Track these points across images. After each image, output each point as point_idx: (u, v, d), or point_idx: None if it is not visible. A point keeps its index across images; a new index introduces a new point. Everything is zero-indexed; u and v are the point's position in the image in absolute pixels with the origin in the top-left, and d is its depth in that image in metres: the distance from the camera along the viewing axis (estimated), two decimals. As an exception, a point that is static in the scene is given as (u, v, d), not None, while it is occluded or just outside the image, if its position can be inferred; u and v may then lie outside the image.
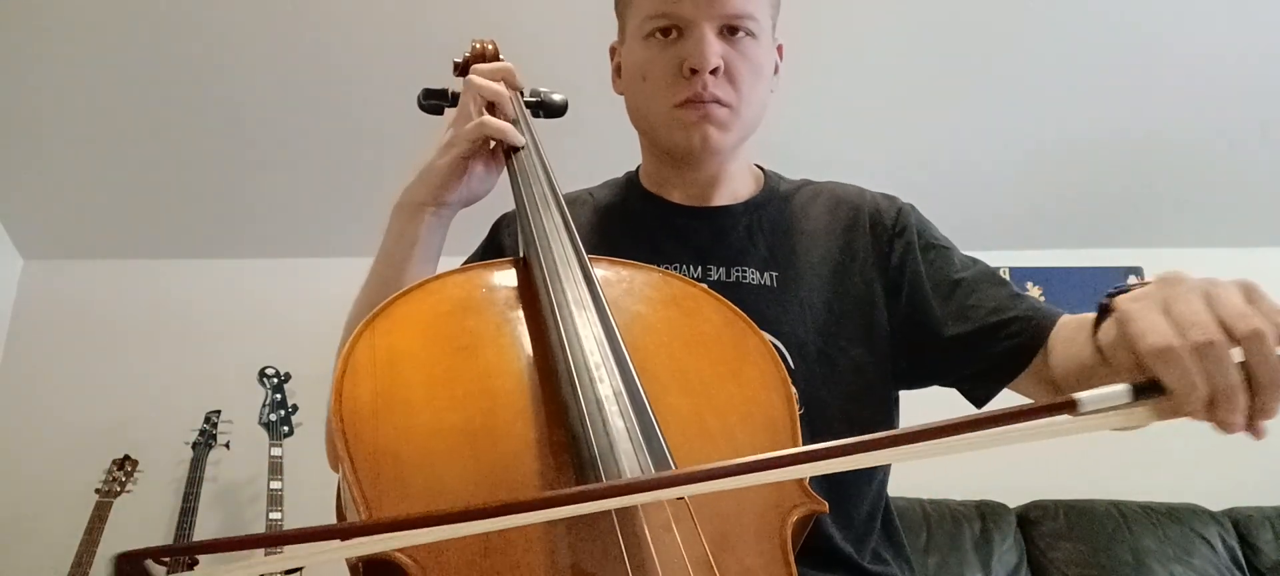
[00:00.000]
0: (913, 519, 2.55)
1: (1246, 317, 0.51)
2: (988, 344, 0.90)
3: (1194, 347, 0.50)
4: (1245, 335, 0.50)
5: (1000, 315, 0.90)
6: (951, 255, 0.98)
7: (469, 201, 0.97)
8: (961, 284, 0.94)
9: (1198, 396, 0.50)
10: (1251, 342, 0.50)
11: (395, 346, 0.69)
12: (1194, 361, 0.50)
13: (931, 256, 0.98)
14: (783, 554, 0.62)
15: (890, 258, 0.98)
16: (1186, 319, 0.52)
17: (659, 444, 0.61)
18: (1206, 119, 2.70)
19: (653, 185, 1.07)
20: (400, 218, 0.93)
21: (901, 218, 1.01)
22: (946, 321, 0.93)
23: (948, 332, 0.92)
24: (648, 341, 0.74)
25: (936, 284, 0.95)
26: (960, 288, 0.94)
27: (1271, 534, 2.56)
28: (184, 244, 3.06)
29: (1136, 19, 2.45)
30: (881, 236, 0.99)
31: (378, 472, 0.60)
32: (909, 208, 1.03)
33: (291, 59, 2.55)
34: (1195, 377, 0.50)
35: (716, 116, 0.94)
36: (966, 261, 0.98)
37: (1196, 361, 0.50)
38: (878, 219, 1.01)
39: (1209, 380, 0.50)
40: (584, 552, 0.57)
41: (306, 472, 2.36)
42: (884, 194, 1.05)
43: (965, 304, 0.93)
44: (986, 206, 2.92)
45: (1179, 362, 0.51)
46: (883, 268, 0.98)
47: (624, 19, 1.03)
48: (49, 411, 2.91)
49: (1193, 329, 0.51)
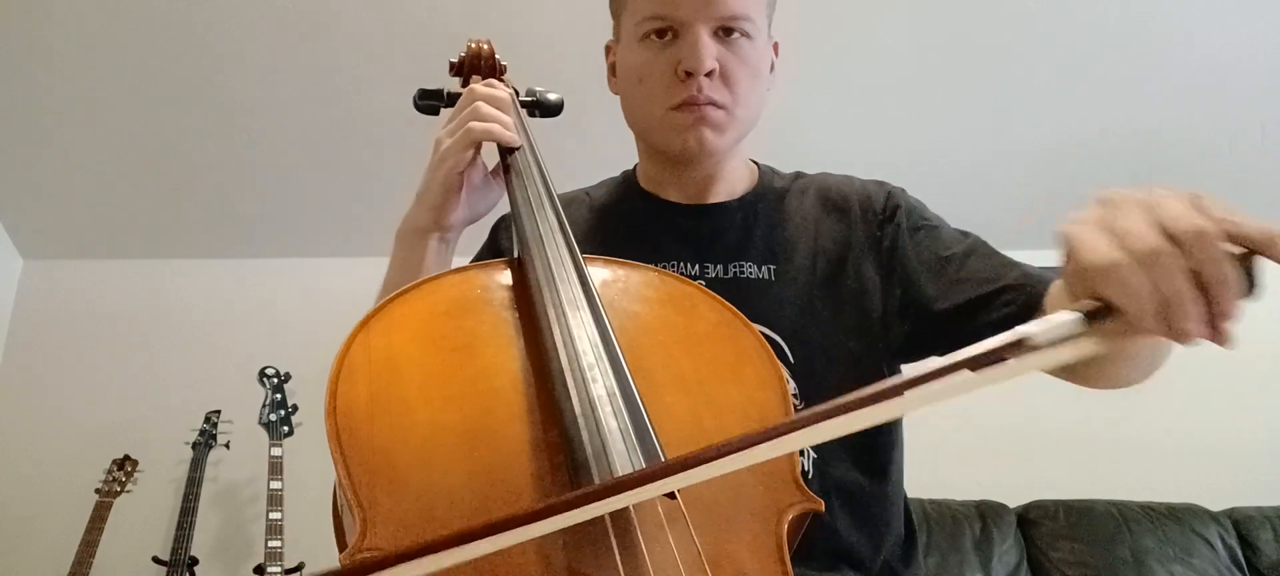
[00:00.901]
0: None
1: (1188, 218, 0.49)
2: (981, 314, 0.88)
3: (1137, 258, 0.49)
4: (1187, 236, 0.48)
5: (992, 285, 0.89)
6: (940, 232, 0.97)
7: (472, 220, 0.96)
8: (951, 259, 0.93)
9: (1147, 307, 0.49)
10: (1195, 243, 0.48)
11: (391, 347, 0.69)
12: (1138, 272, 0.49)
13: (920, 236, 0.97)
14: (778, 553, 0.62)
15: (882, 242, 0.98)
16: (1130, 232, 0.50)
17: (653, 444, 0.61)
18: (1207, 119, 2.69)
19: (649, 184, 1.07)
20: (404, 245, 0.92)
21: (891, 201, 1.01)
22: (937, 298, 0.92)
23: (937, 308, 0.91)
24: (643, 341, 0.73)
25: (926, 262, 0.95)
26: (950, 263, 0.93)
27: (1271, 534, 2.56)
28: (184, 244, 3.06)
29: (1138, 19, 2.45)
30: (872, 222, 0.99)
31: (373, 473, 0.60)
32: (899, 191, 1.03)
33: (292, 59, 2.55)
34: (1142, 289, 0.48)
35: (712, 119, 0.94)
36: (956, 236, 0.97)
37: (1141, 272, 0.49)
38: (868, 205, 1.01)
39: (1156, 289, 0.48)
40: (577, 554, 0.57)
41: (306, 472, 2.36)
42: (874, 181, 1.05)
43: (956, 277, 0.92)
44: (986, 206, 2.90)
45: (1124, 275, 0.49)
46: (876, 254, 0.98)
47: (619, 19, 1.03)
48: (49, 411, 2.91)
49: (1135, 239, 0.49)
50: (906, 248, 0.96)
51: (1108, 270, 0.49)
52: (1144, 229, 0.50)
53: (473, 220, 0.96)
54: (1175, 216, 0.49)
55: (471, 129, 0.90)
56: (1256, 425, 2.85)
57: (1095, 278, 0.50)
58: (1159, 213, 0.50)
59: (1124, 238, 0.50)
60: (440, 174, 0.90)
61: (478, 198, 0.95)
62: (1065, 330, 0.48)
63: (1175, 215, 0.49)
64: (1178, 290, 0.48)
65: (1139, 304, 0.49)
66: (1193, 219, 0.49)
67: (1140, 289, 0.48)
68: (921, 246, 0.96)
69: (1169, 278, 0.48)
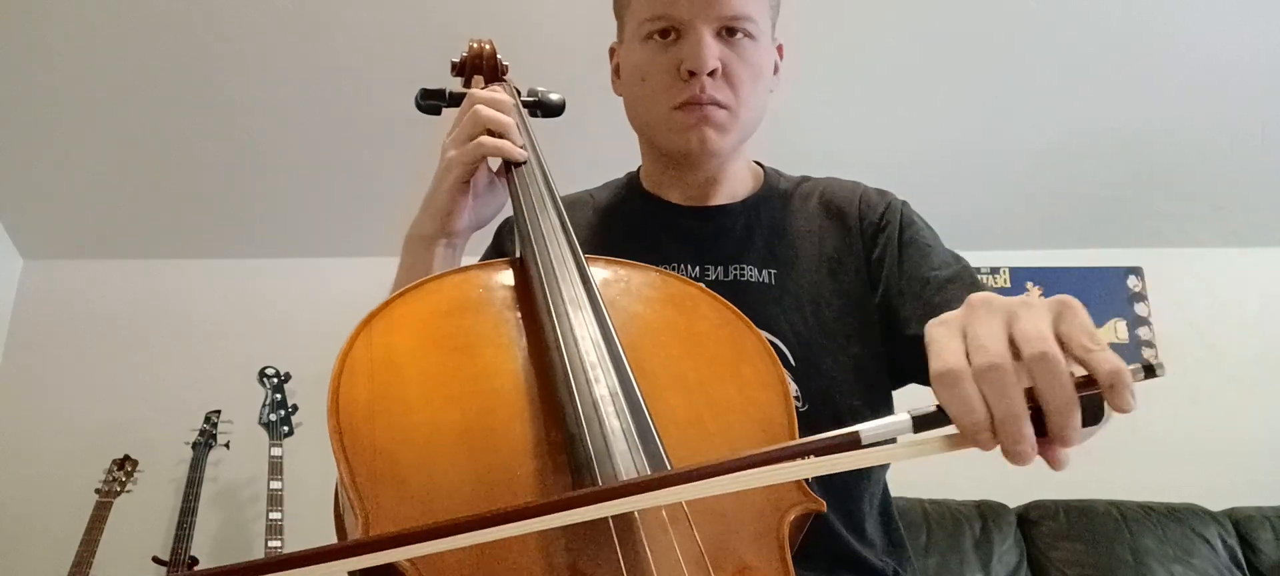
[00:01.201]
0: (913, 519, 2.55)
1: (1039, 340, 0.47)
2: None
3: (977, 370, 0.48)
4: (1032, 357, 0.47)
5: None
6: (930, 253, 0.96)
7: (478, 226, 0.95)
8: (930, 282, 0.92)
9: (976, 421, 0.47)
10: (1038, 365, 0.47)
11: (392, 346, 0.69)
12: (973, 386, 0.48)
13: (909, 252, 0.96)
14: (780, 553, 0.62)
15: (872, 251, 0.98)
16: (977, 341, 0.49)
17: (655, 444, 0.61)
18: (1207, 119, 2.69)
19: (652, 186, 1.07)
20: (411, 252, 0.92)
21: (888, 213, 1.00)
22: (910, 320, 0.91)
23: (909, 332, 0.91)
24: (645, 341, 0.73)
25: (909, 280, 0.94)
26: (928, 286, 0.92)
27: (1271, 534, 2.56)
28: (184, 244, 3.06)
29: (1138, 19, 2.45)
30: (868, 231, 0.99)
31: (374, 473, 0.60)
32: (900, 203, 1.02)
33: (292, 59, 2.55)
34: (973, 402, 0.47)
35: (715, 119, 0.93)
36: (946, 260, 0.96)
37: (976, 386, 0.48)
38: (866, 213, 1.00)
39: (986, 405, 0.47)
40: (580, 553, 0.57)
41: (306, 472, 2.36)
42: (877, 189, 1.04)
43: (931, 303, 0.91)
44: (986, 206, 2.92)
45: (958, 386, 0.48)
46: (868, 262, 0.98)
47: (623, 20, 1.03)
48: (49, 411, 2.91)
49: (978, 352, 0.48)
50: (894, 262, 0.96)
51: (945, 376, 0.49)
52: (992, 341, 0.49)
53: (479, 226, 0.95)
54: (1026, 333, 0.48)
55: (482, 143, 0.89)
56: (1256, 425, 2.86)
57: (936, 382, 0.49)
58: (1015, 326, 0.49)
59: (972, 346, 0.49)
60: (447, 183, 0.90)
61: (484, 203, 0.95)
62: (893, 432, 0.48)
63: (1027, 331, 0.48)
64: (1010, 410, 0.47)
65: (970, 417, 0.48)
66: (1043, 339, 0.48)
67: (973, 402, 0.47)
68: (908, 263, 0.95)
69: (1002, 395, 0.47)
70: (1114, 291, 3.07)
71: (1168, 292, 3.04)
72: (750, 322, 0.78)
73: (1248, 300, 3.03)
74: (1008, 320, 0.50)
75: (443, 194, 0.90)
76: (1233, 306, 3.01)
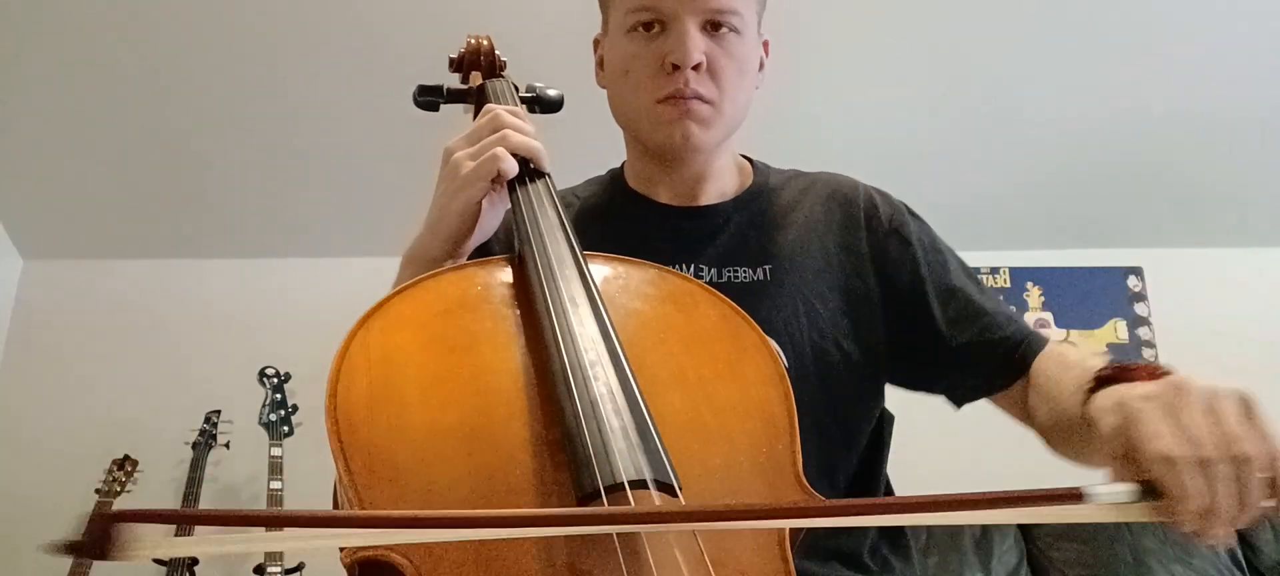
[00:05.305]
0: (913, 518, 2.54)
1: (1240, 441, 0.54)
2: (980, 358, 0.92)
3: (1199, 461, 0.54)
4: (1238, 457, 0.54)
5: (996, 332, 0.92)
6: (949, 261, 0.98)
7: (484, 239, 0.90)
8: (957, 293, 0.95)
9: (1196, 506, 0.53)
10: (1241, 466, 0.54)
11: (390, 344, 0.69)
12: (1196, 474, 0.53)
13: (933, 259, 0.97)
14: (780, 553, 0.62)
15: (887, 253, 0.97)
16: (1191, 430, 0.55)
17: (654, 442, 0.61)
18: (1207, 119, 2.69)
19: (638, 183, 1.05)
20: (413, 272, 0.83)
21: (898, 216, 1.00)
22: (945, 328, 0.93)
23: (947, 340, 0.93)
24: (644, 339, 0.73)
25: (938, 288, 0.95)
26: (956, 296, 0.95)
27: (1271, 534, 2.56)
28: (184, 244, 3.06)
29: (1139, 18, 2.45)
30: (878, 231, 0.98)
31: (372, 472, 0.60)
32: (904, 206, 1.02)
33: (291, 59, 2.55)
34: (1198, 489, 0.53)
35: (698, 113, 0.92)
36: (959, 267, 0.98)
37: (1199, 474, 0.53)
38: (874, 214, 1.00)
39: (1210, 494, 0.53)
40: (580, 554, 0.57)
41: (306, 472, 2.35)
42: (878, 189, 1.04)
43: (963, 313, 0.94)
44: (987, 206, 2.91)
45: (1183, 473, 0.53)
46: (879, 265, 0.97)
47: (607, 12, 1.01)
48: (49, 411, 2.91)
49: (1199, 444, 0.54)
50: (919, 268, 0.96)
51: (1169, 462, 0.54)
52: (1207, 435, 0.55)
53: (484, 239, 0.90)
54: (1233, 433, 0.54)
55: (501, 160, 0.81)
56: (1256, 425, 2.85)
57: (1156, 462, 0.55)
58: (1220, 420, 0.55)
59: (1188, 435, 0.55)
60: (458, 203, 0.82)
61: (489, 217, 0.87)
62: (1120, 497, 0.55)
63: (1233, 431, 0.54)
64: (1225, 504, 0.54)
65: (1191, 500, 0.53)
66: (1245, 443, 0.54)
67: (1195, 490, 0.53)
68: (934, 271, 0.97)
69: (1222, 490, 0.53)
70: (1114, 291, 3.07)
71: (1168, 293, 3.04)
72: (750, 319, 0.78)
73: (1248, 300, 3.02)
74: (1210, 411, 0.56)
75: (453, 216, 0.82)
76: (1233, 306, 3.01)
